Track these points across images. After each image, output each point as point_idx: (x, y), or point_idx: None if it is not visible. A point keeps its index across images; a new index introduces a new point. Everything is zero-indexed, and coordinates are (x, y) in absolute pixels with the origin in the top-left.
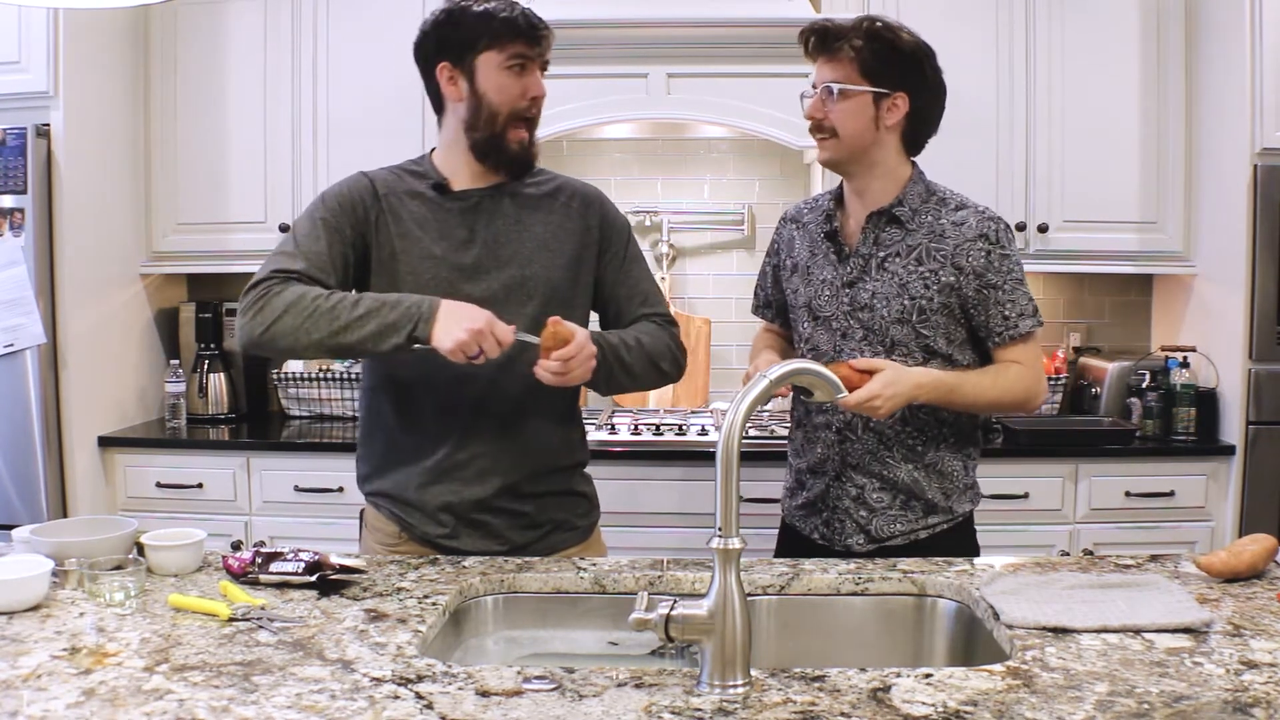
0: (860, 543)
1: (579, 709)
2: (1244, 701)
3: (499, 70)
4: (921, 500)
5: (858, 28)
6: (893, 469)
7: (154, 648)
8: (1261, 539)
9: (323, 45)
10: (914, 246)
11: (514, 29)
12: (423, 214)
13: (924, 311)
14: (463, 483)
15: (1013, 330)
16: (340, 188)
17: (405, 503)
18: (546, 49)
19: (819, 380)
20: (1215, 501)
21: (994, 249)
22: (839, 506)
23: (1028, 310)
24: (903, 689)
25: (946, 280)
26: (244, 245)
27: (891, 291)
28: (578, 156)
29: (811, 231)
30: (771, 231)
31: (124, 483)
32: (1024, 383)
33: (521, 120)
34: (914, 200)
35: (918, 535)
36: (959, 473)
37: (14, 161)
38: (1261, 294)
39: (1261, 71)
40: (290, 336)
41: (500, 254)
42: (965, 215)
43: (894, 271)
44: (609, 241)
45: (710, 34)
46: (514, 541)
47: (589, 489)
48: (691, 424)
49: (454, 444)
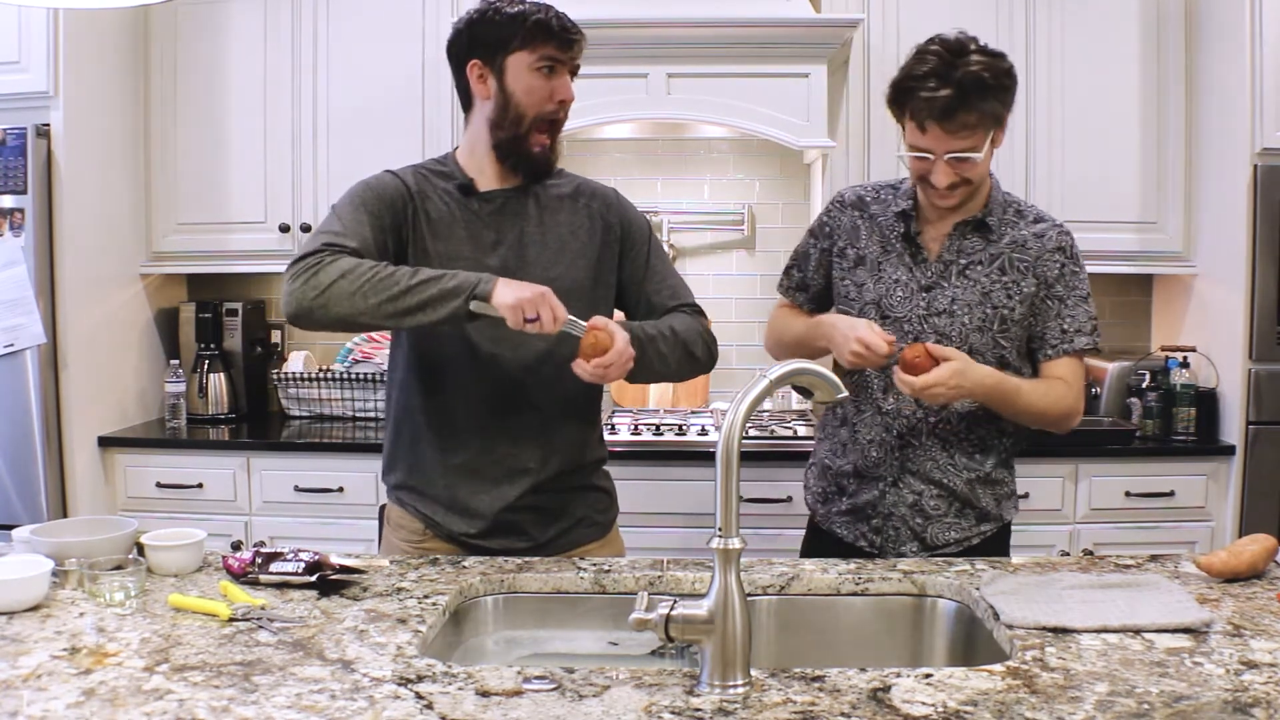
0: (914, 550)
1: (579, 709)
2: (1244, 701)
3: (529, 71)
4: (976, 509)
5: (975, 81)
6: (952, 477)
7: (154, 648)
8: (1261, 539)
9: (323, 45)
10: (996, 255)
11: (546, 31)
12: (451, 215)
13: (1005, 322)
14: (493, 483)
15: (1068, 344)
16: (376, 182)
17: (433, 500)
18: (578, 53)
19: (819, 380)
20: (1215, 501)
21: (1069, 262)
22: (894, 514)
23: (1086, 328)
24: (903, 689)
25: (1028, 290)
26: (244, 245)
27: (974, 299)
28: (578, 156)
29: (882, 226)
30: (778, 230)
31: (124, 483)
32: (1067, 402)
33: (546, 124)
34: (998, 210)
35: (971, 543)
36: (1008, 480)
37: (14, 161)
38: (1261, 294)
39: (1261, 71)
40: (346, 302)
41: (525, 256)
42: (1044, 228)
43: (975, 279)
44: (631, 240)
45: (710, 34)
46: (538, 538)
47: (609, 485)
48: (691, 424)
49: (483, 443)
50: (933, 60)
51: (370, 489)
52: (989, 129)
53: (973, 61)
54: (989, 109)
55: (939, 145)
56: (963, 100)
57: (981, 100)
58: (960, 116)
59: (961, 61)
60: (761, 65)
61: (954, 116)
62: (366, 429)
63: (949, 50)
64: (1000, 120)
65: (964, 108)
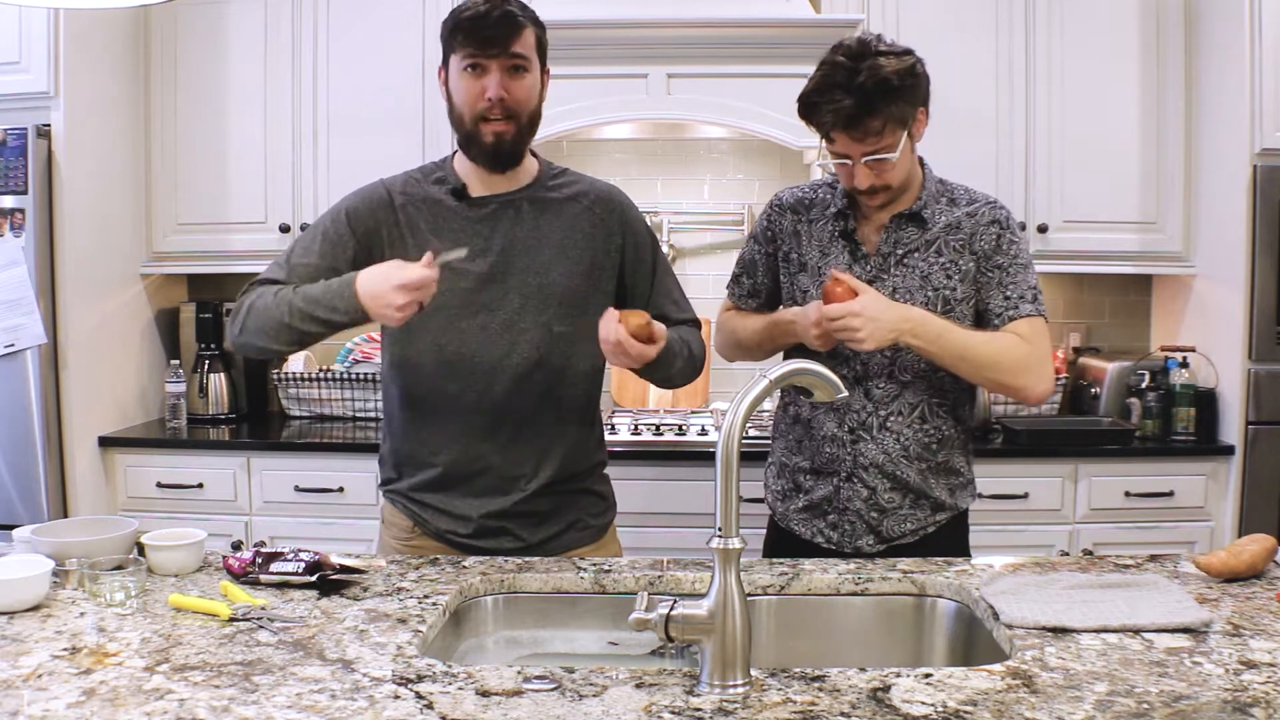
0: (870, 543)
1: (579, 709)
2: (1243, 701)
3: (459, 73)
4: (930, 499)
5: (876, 86)
6: (905, 469)
7: (154, 648)
8: (1261, 539)
9: (323, 45)
10: (932, 241)
11: (465, 32)
12: (440, 222)
13: (949, 302)
14: (481, 489)
15: (1012, 310)
16: (354, 200)
17: (420, 500)
18: (502, 52)
19: (819, 380)
20: (1215, 501)
21: (1004, 233)
22: (849, 509)
23: (1028, 295)
24: (902, 689)
25: (967, 267)
26: (244, 245)
27: (914, 285)
28: (578, 157)
29: (820, 228)
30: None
31: (124, 483)
32: (1019, 351)
33: (488, 120)
34: (931, 200)
35: (926, 531)
36: (963, 470)
37: (14, 162)
38: (1261, 294)
39: (1261, 72)
40: (258, 335)
41: (517, 262)
42: (977, 207)
43: (914, 266)
44: (637, 253)
45: (710, 34)
46: (528, 540)
47: (605, 489)
48: (691, 424)
49: (467, 449)
50: (832, 70)
51: (370, 489)
52: (898, 130)
53: (874, 65)
54: (894, 112)
55: (852, 150)
56: (866, 107)
57: (886, 104)
58: (865, 124)
59: (864, 66)
60: (761, 65)
61: (858, 124)
62: (366, 429)
63: (849, 56)
64: (910, 119)
65: (868, 114)
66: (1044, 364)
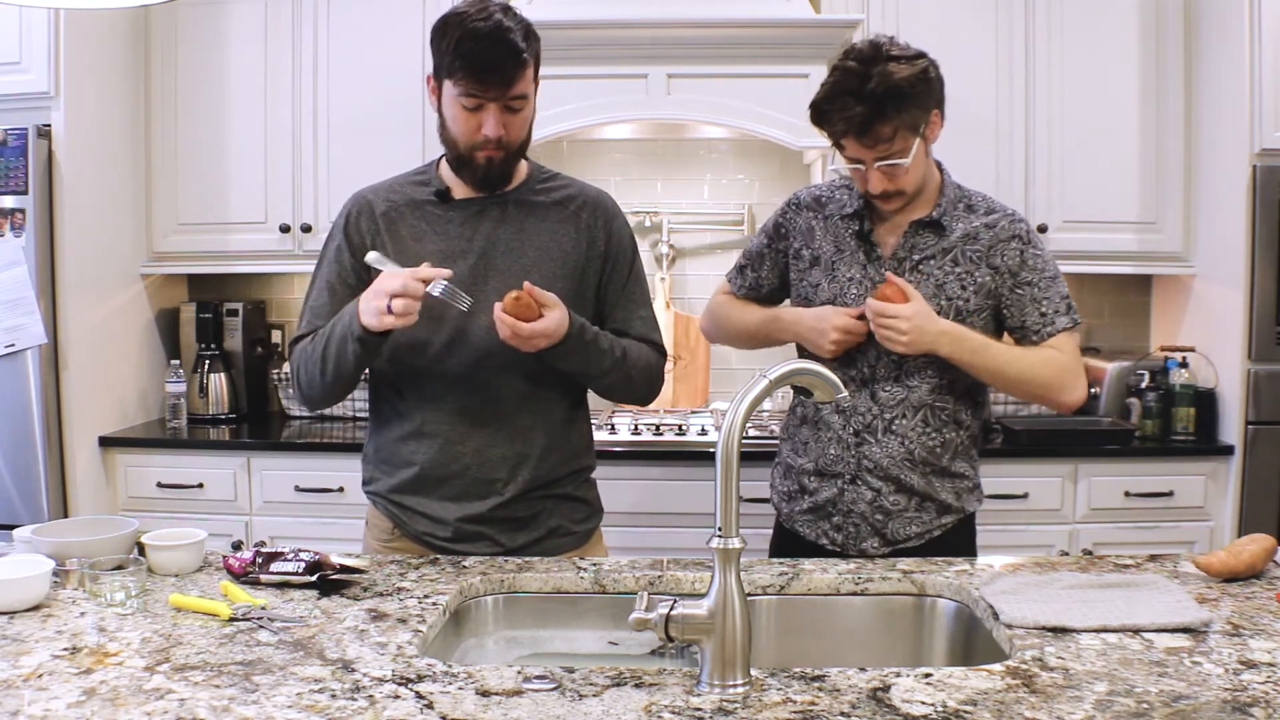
0: (875, 546)
1: (579, 709)
2: (1243, 701)
3: (453, 102)
4: (935, 502)
5: (887, 93)
6: (909, 472)
7: (155, 647)
8: (1260, 539)
9: (323, 45)
10: (949, 249)
11: (467, 69)
12: (421, 226)
13: (961, 313)
14: (457, 494)
15: (1050, 327)
16: (338, 224)
17: (399, 502)
18: (502, 95)
19: (819, 380)
20: (1214, 501)
21: (1027, 248)
22: (854, 510)
23: (1061, 308)
24: (902, 689)
25: (983, 280)
26: (244, 245)
27: (928, 292)
28: (578, 157)
29: (837, 226)
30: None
31: (125, 483)
32: (1054, 365)
33: (483, 150)
34: (949, 206)
35: (932, 535)
36: (969, 473)
37: (15, 162)
38: (1260, 294)
39: (1261, 72)
40: (315, 389)
41: (498, 264)
42: (996, 218)
43: (929, 273)
44: (614, 262)
45: (710, 34)
46: (507, 544)
47: (591, 495)
48: (691, 424)
49: (444, 452)
50: (844, 76)
51: None
52: (910, 135)
53: (884, 72)
54: (906, 118)
55: (864, 156)
56: (877, 114)
57: (897, 110)
58: (876, 130)
59: (875, 72)
60: (761, 65)
61: (870, 131)
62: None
63: (860, 61)
64: (922, 123)
65: (879, 121)
66: (1079, 375)
